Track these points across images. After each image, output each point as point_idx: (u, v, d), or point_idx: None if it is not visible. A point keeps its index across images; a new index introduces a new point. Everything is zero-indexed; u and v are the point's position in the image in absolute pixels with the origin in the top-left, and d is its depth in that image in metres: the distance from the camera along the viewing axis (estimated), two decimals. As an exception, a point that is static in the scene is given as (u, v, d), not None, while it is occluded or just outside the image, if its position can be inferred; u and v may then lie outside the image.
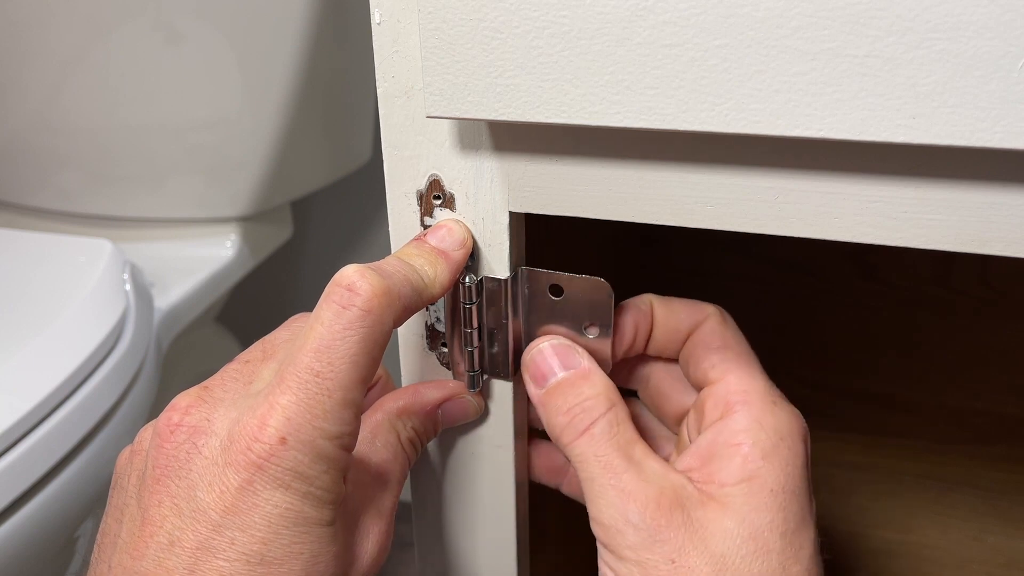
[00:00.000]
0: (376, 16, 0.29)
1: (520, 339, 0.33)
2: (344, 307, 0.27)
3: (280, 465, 0.26)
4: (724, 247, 0.63)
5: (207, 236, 0.88)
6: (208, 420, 0.27)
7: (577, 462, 0.31)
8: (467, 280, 0.31)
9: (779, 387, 0.32)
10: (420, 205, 0.32)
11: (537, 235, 0.34)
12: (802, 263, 0.62)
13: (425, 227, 0.32)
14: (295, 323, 0.32)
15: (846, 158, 0.26)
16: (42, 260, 0.72)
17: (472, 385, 0.34)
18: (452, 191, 0.31)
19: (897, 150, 0.25)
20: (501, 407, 0.35)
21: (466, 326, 0.32)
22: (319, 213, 1.07)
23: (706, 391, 0.32)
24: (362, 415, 0.30)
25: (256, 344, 0.31)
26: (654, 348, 0.34)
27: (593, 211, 0.29)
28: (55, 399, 0.58)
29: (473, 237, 0.31)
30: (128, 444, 0.30)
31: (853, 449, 0.65)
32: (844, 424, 0.64)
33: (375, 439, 0.32)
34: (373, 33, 0.29)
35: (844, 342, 0.62)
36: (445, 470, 0.37)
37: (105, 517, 0.29)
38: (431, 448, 0.37)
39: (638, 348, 0.34)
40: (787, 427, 0.30)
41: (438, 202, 0.31)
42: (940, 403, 0.62)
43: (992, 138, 0.22)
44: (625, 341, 0.33)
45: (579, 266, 0.32)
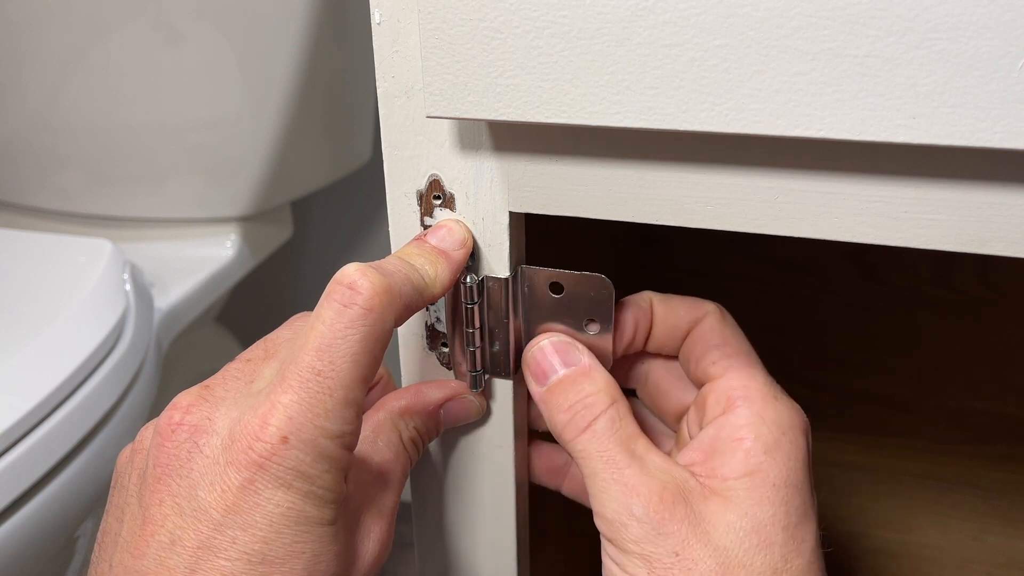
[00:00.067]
0: (376, 16, 0.29)
1: (521, 338, 0.33)
2: (346, 306, 0.27)
3: (282, 464, 0.26)
4: (724, 247, 0.63)
5: (207, 236, 0.88)
6: (209, 419, 0.27)
7: (580, 458, 0.31)
8: (468, 280, 0.31)
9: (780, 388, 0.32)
10: (420, 205, 0.32)
11: (537, 235, 0.34)
12: (802, 263, 0.62)
13: (425, 227, 0.32)
14: (297, 322, 0.32)
15: (846, 158, 0.26)
16: (42, 260, 0.72)
17: (474, 385, 0.34)
18: (452, 191, 0.31)
19: (897, 150, 0.25)
20: (501, 407, 0.35)
21: (468, 326, 0.32)
22: (319, 213, 1.07)
23: (707, 387, 0.32)
24: (364, 414, 0.30)
25: (258, 343, 0.31)
26: (653, 345, 0.34)
27: (593, 211, 0.29)
28: (55, 399, 0.58)
29: (473, 237, 0.31)
30: (128, 443, 0.30)
31: (853, 449, 0.65)
32: (844, 424, 0.64)
33: (377, 438, 0.32)
34: (373, 33, 0.29)
35: (844, 342, 0.62)
36: (445, 470, 0.37)
37: (106, 516, 0.29)
38: (431, 448, 0.37)
39: (638, 345, 0.34)
40: (788, 421, 0.31)
41: (438, 202, 0.31)
42: (940, 403, 0.62)
43: (992, 138, 0.22)
44: (625, 338, 0.33)
45: (579, 266, 0.32)
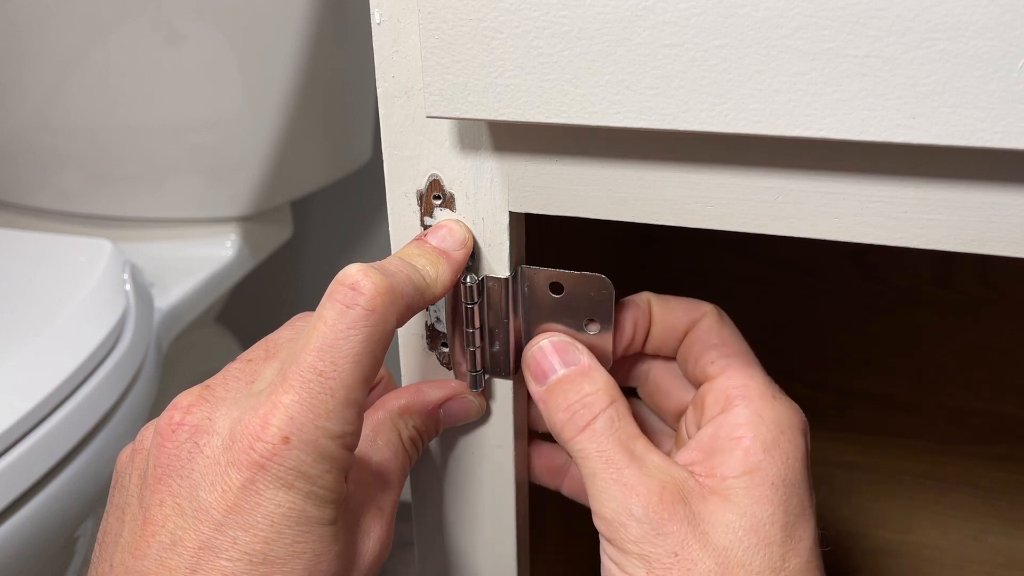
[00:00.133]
0: (376, 16, 0.29)
1: (521, 338, 0.33)
2: (348, 306, 0.26)
3: (283, 464, 0.26)
4: (724, 247, 0.63)
5: (207, 236, 0.88)
6: (210, 419, 0.27)
7: (579, 458, 0.31)
8: (468, 280, 0.31)
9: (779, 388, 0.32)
10: (420, 205, 0.32)
11: (537, 235, 0.34)
12: (802, 263, 0.62)
13: (425, 227, 0.32)
14: (298, 322, 0.32)
15: (846, 158, 0.26)
16: (42, 260, 0.72)
17: (474, 385, 0.34)
18: (452, 191, 0.31)
19: (897, 150, 0.25)
20: (501, 407, 0.35)
21: (468, 326, 0.32)
22: (319, 213, 1.07)
23: (705, 386, 0.32)
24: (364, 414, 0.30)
25: (259, 343, 0.31)
26: (652, 346, 0.34)
27: (593, 211, 0.29)
28: (55, 399, 0.58)
29: (474, 237, 0.31)
30: (128, 443, 0.30)
31: (853, 449, 0.65)
32: (844, 424, 0.64)
33: (376, 438, 0.32)
34: (373, 33, 0.29)
35: (844, 342, 0.62)
36: (445, 470, 0.37)
37: (106, 516, 0.29)
38: (431, 448, 0.37)
39: (636, 346, 0.34)
40: (787, 420, 0.31)
41: (438, 202, 0.31)
42: (940, 403, 0.62)
43: (992, 138, 0.22)
44: (624, 338, 0.33)
45: (579, 266, 0.32)
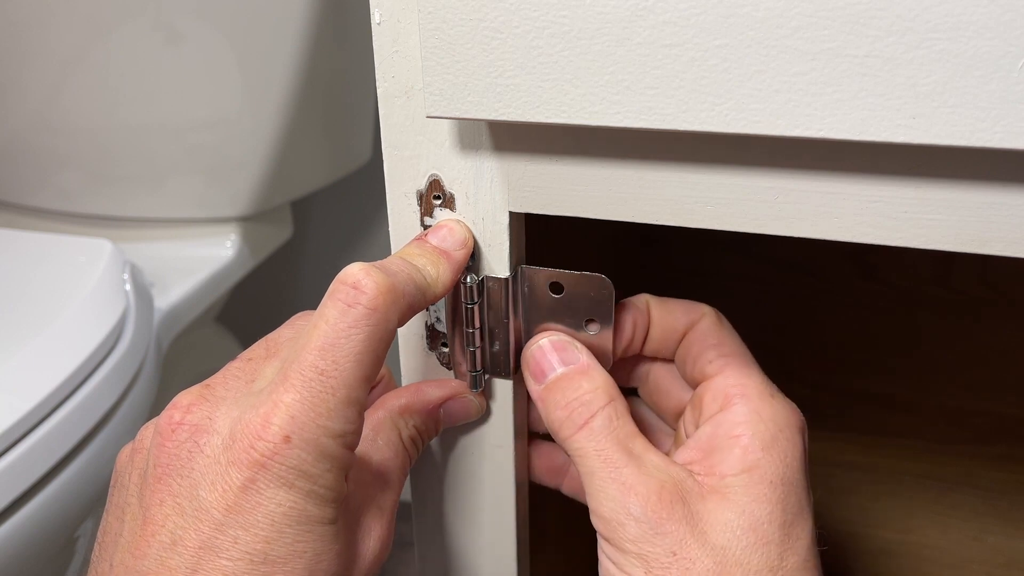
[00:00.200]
0: (376, 16, 0.29)
1: (521, 338, 0.33)
2: (349, 305, 0.26)
3: (284, 463, 0.26)
4: (724, 247, 0.63)
5: (207, 236, 0.88)
6: (210, 419, 0.27)
7: (577, 456, 0.31)
8: (468, 280, 0.31)
9: (779, 387, 0.33)
10: (420, 205, 0.32)
11: (537, 235, 0.34)
12: (802, 263, 0.62)
13: (425, 227, 0.32)
14: (298, 321, 0.32)
15: (846, 158, 0.26)
16: (42, 260, 0.72)
17: (474, 385, 0.34)
18: (452, 191, 0.31)
19: (897, 150, 0.25)
20: (501, 407, 0.35)
21: (468, 326, 0.32)
22: (319, 213, 1.07)
23: (703, 385, 0.32)
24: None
25: (259, 342, 0.31)
26: (650, 348, 0.34)
27: (593, 211, 0.29)
28: (55, 399, 0.58)
29: (474, 237, 0.31)
30: (128, 443, 0.30)
31: (853, 449, 0.65)
32: (844, 424, 0.64)
33: (377, 437, 0.32)
34: (373, 33, 0.29)
35: (844, 342, 0.62)
36: (445, 470, 0.37)
37: (106, 515, 0.29)
38: (431, 447, 0.37)
39: (635, 348, 0.34)
40: (785, 419, 0.31)
41: (438, 202, 0.31)
42: (940, 403, 0.62)
43: (992, 138, 0.22)
44: (624, 339, 0.33)
45: (579, 266, 0.32)
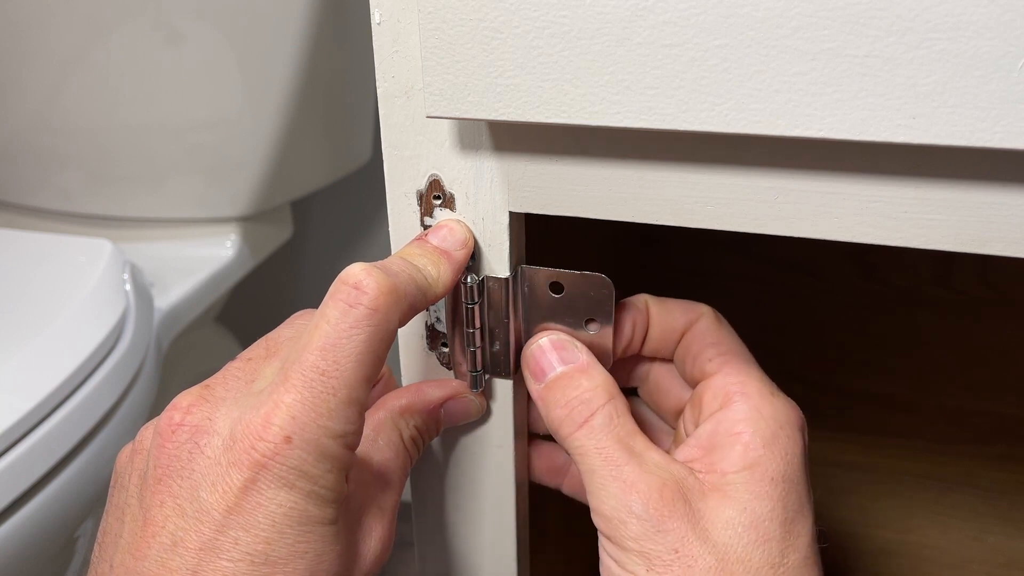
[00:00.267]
0: (376, 16, 0.29)
1: (521, 337, 0.33)
2: (351, 305, 0.26)
3: (284, 464, 0.26)
4: (724, 247, 0.63)
5: (207, 236, 0.88)
6: (210, 419, 0.27)
7: (577, 455, 0.31)
8: (469, 280, 0.31)
9: (778, 387, 0.33)
10: (420, 205, 0.32)
11: (537, 235, 0.34)
12: (802, 263, 0.62)
13: (425, 227, 0.32)
14: (298, 320, 0.32)
15: (846, 158, 0.26)
16: (42, 260, 0.72)
17: (475, 385, 0.34)
18: (452, 191, 0.31)
19: (897, 150, 0.25)
20: (502, 407, 0.35)
21: (468, 326, 0.32)
22: (319, 213, 1.07)
23: (703, 384, 0.32)
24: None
25: (259, 342, 0.31)
26: (650, 348, 0.34)
27: (593, 211, 0.29)
28: (55, 399, 0.58)
29: (474, 237, 0.31)
30: (128, 443, 0.30)
31: (853, 449, 0.65)
32: (844, 424, 0.64)
33: (378, 437, 0.32)
34: (373, 33, 0.29)
35: (844, 342, 0.62)
36: (446, 470, 0.37)
37: (106, 515, 0.29)
38: (432, 448, 0.37)
39: (634, 347, 0.34)
40: (785, 416, 0.31)
41: (438, 202, 0.31)
42: (940, 403, 0.62)
43: (992, 138, 0.22)
44: (623, 338, 0.33)
45: (579, 266, 0.32)
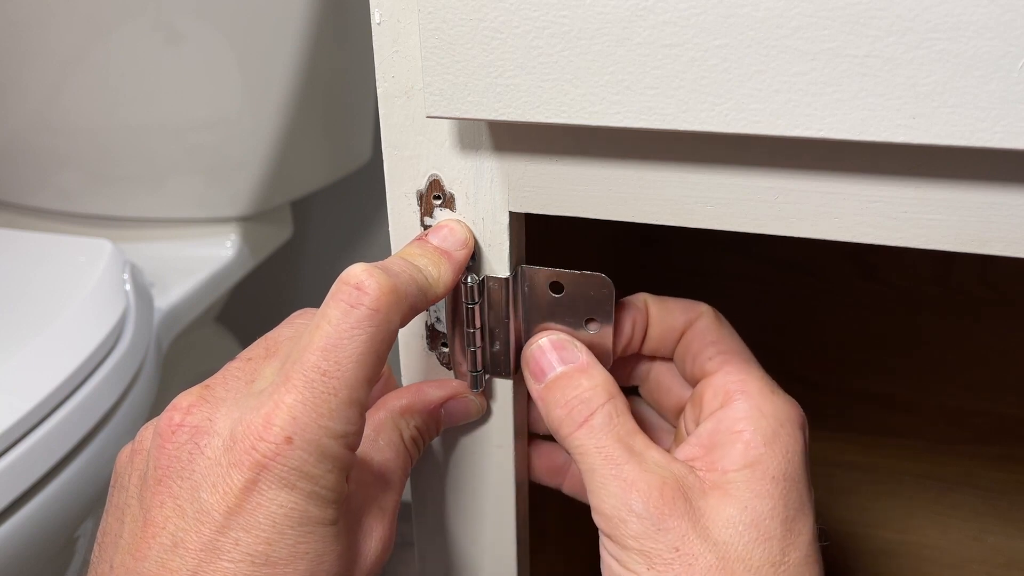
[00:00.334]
0: (376, 16, 0.29)
1: (521, 337, 0.33)
2: (352, 306, 0.26)
3: (285, 465, 0.26)
4: (724, 247, 0.63)
5: (207, 236, 0.88)
6: (210, 420, 0.27)
7: (577, 454, 0.31)
8: (469, 280, 0.31)
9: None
10: (420, 205, 0.32)
11: (537, 235, 0.34)
12: (802, 263, 0.62)
13: (425, 227, 0.32)
14: (298, 319, 0.32)
15: (846, 158, 0.26)
16: (42, 260, 0.72)
17: (475, 385, 0.34)
18: (452, 191, 0.31)
19: (897, 150, 0.25)
20: (502, 407, 0.35)
21: (468, 326, 0.32)
22: (319, 213, 1.07)
23: (704, 382, 0.32)
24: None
25: (258, 341, 0.31)
26: (649, 347, 0.34)
27: (593, 211, 0.29)
28: (55, 399, 0.58)
29: (474, 237, 0.31)
30: (128, 443, 0.30)
31: (853, 449, 0.65)
32: (844, 424, 0.64)
33: (378, 438, 0.32)
34: (373, 33, 0.29)
35: (844, 342, 0.62)
36: (446, 470, 0.37)
37: (105, 515, 0.29)
38: (432, 448, 0.37)
39: (634, 347, 0.34)
40: (786, 414, 0.31)
41: (438, 202, 0.31)
42: (940, 403, 0.62)
43: (992, 138, 0.22)
44: (623, 338, 0.33)
45: (579, 266, 0.32)
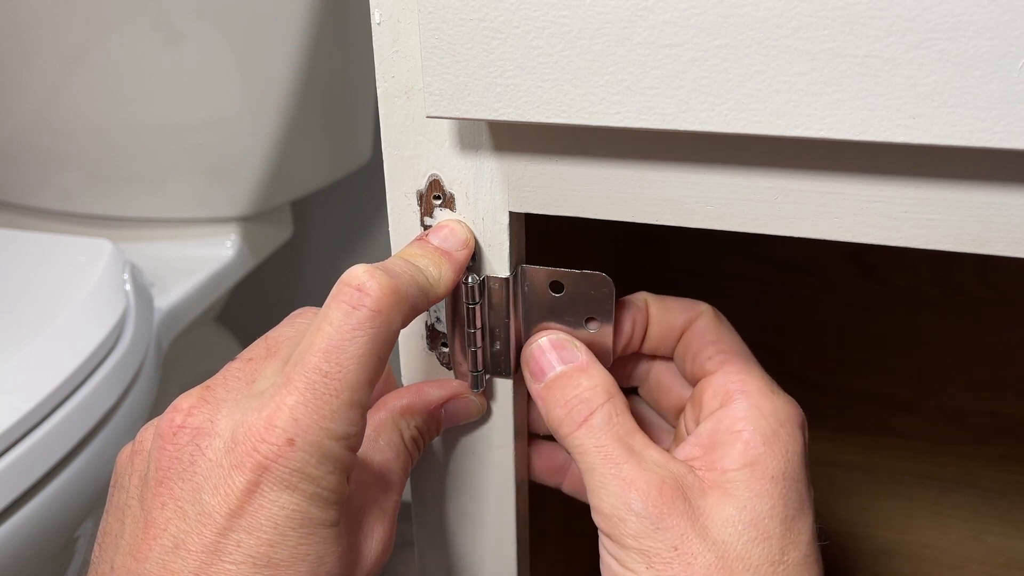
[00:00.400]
0: (376, 16, 0.29)
1: (521, 337, 0.33)
2: (354, 307, 0.26)
3: (287, 466, 0.25)
4: (724, 247, 0.63)
5: (207, 236, 0.88)
6: (211, 421, 0.27)
7: (577, 453, 0.31)
8: (470, 280, 0.31)
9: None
10: (420, 205, 0.32)
11: (537, 235, 0.34)
12: (802, 263, 0.62)
13: (425, 227, 0.32)
14: (298, 319, 0.32)
15: (846, 158, 0.26)
16: (42, 260, 0.72)
17: (475, 385, 0.34)
18: (452, 191, 0.31)
19: (897, 150, 0.25)
20: (502, 407, 0.35)
21: (469, 326, 0.32)
22: (319, 213, 1.07)
23: (704, 382, 0.32)
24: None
25: (259, 341, 0.31)
26: (649, 346, 0.34)
27: (593, 211, 0.29)
28: (55, 399, 0.58)
29: (475, 237, 0.31)
30: (128, 443, 0.30)
31: (853, 449, 0.65)
32: (844, 424, 0.64)
33: (378, 438, 0.32)
34: (373, 33, 0.29)
35: (844, 342, 0.62)
36: (446, 470, 0.37)
37: (105, 516, 0.29)
38: (432, 448, 0.37)
39: (634, 346, 0.34)
40: (786, 414, 0.31)
41: (438, 202, 0.31)
42: (940, 403, 0.62)
43: (992, 138, 0.22)
44: (623, 337, 0.33)
45: (579, 266, 0.32)
